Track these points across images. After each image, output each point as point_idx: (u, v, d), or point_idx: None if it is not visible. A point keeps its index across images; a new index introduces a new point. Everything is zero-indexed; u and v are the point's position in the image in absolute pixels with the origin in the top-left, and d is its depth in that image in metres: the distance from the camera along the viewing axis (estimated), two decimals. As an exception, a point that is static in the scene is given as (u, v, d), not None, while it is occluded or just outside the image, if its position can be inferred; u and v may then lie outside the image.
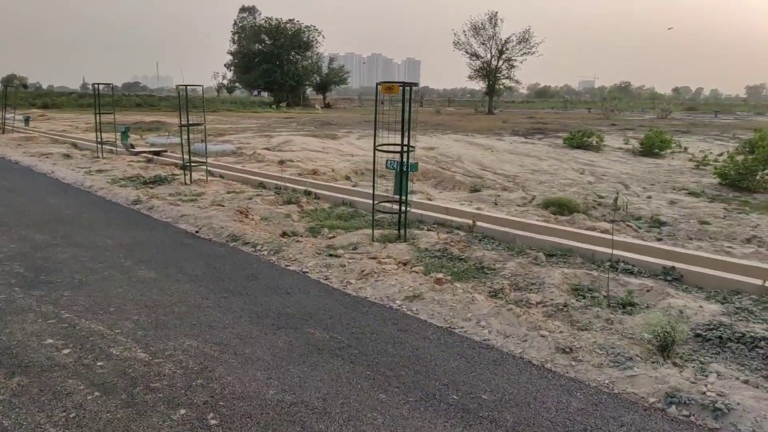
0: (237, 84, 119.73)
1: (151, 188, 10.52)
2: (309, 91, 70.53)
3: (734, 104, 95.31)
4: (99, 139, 14.60)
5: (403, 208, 6.88)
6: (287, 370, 3.40)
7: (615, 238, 7.13)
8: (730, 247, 6.13)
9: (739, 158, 14.33)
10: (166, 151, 16.21)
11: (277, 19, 63.61)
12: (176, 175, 11.99)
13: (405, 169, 6.78)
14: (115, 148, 15.19)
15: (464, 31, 52.85)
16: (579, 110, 67.12)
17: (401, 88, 6.36)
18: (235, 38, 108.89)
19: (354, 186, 11.19)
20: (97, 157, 14.53)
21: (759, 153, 14.18)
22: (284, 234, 7.40)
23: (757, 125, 36.13)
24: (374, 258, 5.99)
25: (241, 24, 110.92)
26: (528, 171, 17.63)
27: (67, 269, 5.35)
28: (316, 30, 64.41)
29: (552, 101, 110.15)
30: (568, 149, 21.85)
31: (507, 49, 51.69)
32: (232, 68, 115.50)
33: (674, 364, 3.49)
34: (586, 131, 22.70)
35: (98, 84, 14.55)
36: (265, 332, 3.95)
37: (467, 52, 53.83)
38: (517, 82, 54.68)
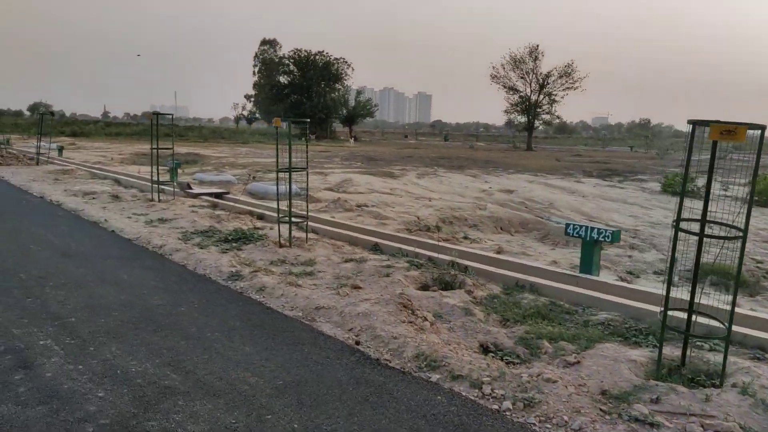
0: (257, 115, 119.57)
1: (239, 250, 8.10)
2: (335, 123, 68.91)
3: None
4: (156, 179, 12.27)
5: (708, 324, 4.34)
6: None
7: None
8: None
9: None
10: (228, 192, 13.86)
11: (306, 51, 62.15)
12: (258, 228, 9.58)
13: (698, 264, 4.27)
14: (169, 188, 12.83)
15: (503, 65, 50.98)
16: (616, 148, 64.68)
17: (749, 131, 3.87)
18: (256, 70, 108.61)
19: (498, 252, 8.65)
20: (151, 199, 12.19)
21: None
22: (486, 350, 4.89)
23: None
24: (727, 433, 3.41)
25: (262, 56, 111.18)
26: (644, 223, 15.05)
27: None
28: (345, 62, 62.94)
29: (578, 137, 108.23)
30: (668, 196, 19.29)
31: (548, 83, 49.67)
32: (252, 99, 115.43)
33: None
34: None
35: (157, 113, 12.30)
36: None
37: (504, 86, 51.90)
38: (558, 117, 52.49)
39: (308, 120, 8.09)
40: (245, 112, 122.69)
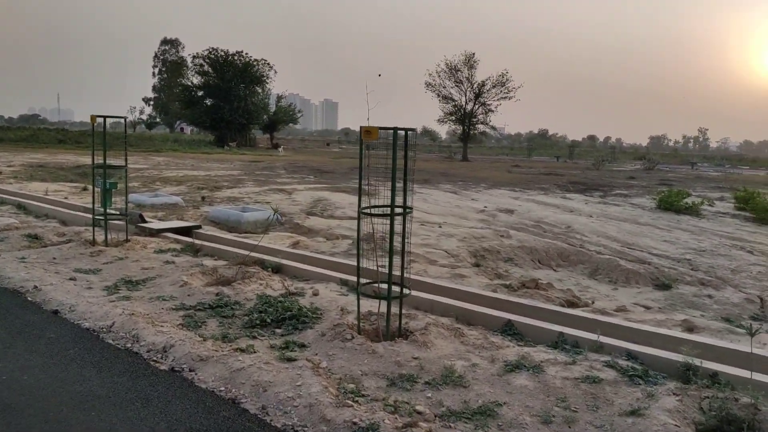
0: (158, 120, 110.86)
1: (302, 347, 4.78)
2: (254, 129, 64.16)
3: (670, 154, 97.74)
4: (103, 211, 8.40)
5: None
6: None
7: None
8: None
9: None
10: (198, 226, 10.14)
11: (223, 50, 57.11)
12: (295, 294, 6.18)
13: None
14: (119, 223, 8.94)
15: (438, 72, 49.18)
16: (541, 157, 65.25)
17: None
18: (156, 71, 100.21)
19: (690, 330, 5.85)
20: (93, 241, 8.32)
21: None
22: None
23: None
24: None
25: (162, 57, 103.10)
26: (687, 250, 13.04)
27: None
28: (267, 64, 58.59)
29: (490, 148, 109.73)
30: (672, 214, 17.69)
31: (483, 92, 48.52)
32: (151, 103, 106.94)
33: None
34: (682, 191, 18.77)
35: (104, 117, 8.50)
36: None
37: (439, 95, 50.21)
38: (492, 127, 51.54)
39: (414, 129, 4.94)
40: (144, 116, 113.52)
